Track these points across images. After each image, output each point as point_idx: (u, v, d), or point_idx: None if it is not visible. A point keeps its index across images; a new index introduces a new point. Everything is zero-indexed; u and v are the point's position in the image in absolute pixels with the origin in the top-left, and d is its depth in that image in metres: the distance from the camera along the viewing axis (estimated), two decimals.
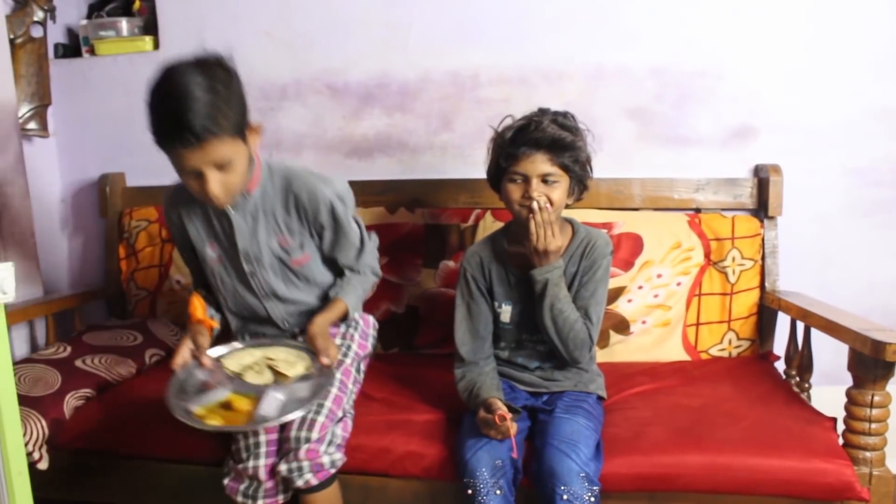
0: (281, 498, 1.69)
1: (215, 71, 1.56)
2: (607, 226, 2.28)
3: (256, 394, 1.58)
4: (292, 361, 1.68)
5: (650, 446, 1.68)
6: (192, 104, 1.48)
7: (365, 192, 2.38)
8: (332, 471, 1.66)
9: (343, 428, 1.73)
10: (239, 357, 1.71)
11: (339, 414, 1.72)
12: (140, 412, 1.93)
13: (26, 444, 1.80)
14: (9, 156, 2.33)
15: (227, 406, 1.57)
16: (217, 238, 1.78)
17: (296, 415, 1.53)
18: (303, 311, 1.83)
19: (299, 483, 1.63)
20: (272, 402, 1.56)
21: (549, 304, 1.74)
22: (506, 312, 1.86)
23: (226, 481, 1.70)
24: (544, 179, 1.73)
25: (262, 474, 1.65)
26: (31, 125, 2.51)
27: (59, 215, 2.73)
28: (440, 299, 2.35)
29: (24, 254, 2.38)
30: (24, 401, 1.86)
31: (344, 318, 1.81)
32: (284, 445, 1.65)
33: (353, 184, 1.97)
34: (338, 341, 1.82)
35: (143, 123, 2.57)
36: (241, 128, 1.59)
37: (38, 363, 2.08)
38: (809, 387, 2.05)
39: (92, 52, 2.65)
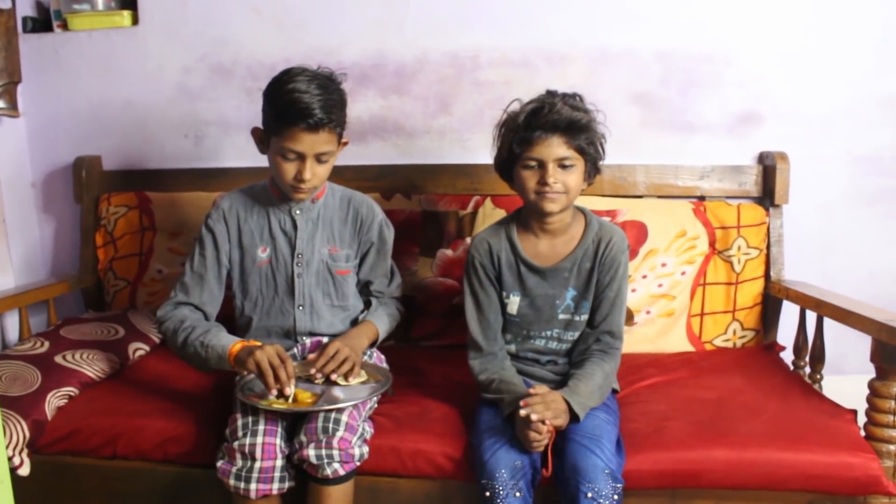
0: (278, 486, 1.61)
1: (332, 81, 1.76)
2: (611, 213, 2.22)
3: (318, 392, 1.68)
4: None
5: (673, 441, 1.63)
6: (321, 96, 1.68)
7: (359, 177, 2.29)
8: (358, 463, 1.62)
9: (369, 425, 1.71)
10: (308, 365, 1.76)
11: (364, 413, 1.71)
12: (127, 410, 1.83)
13: (6, 449, 1.67)
14: None
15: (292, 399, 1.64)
16: (273, 239, 1.88)
17: (359, 399, 1.65)
18: (323, 333, 1.91)
19: (327, 472, 1.58)
20: (334, 398, 1.65)
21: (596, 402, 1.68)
22: (513, 303, 1.79)
23: (218, 464, 1.63)
24: (561, 164, 1.66)
25: (258, 452, 1.58)
26: (0, 104, 2.35)
27: (30, 200, 2.57)
28: (437, 289, 2.27)
29: None
30: (1, 401, 1.74)
31: (373, 343, 1.90)
32: (310, 435, 1.60)
33: (346, 168, 1.88)
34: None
35: (121, 103, 2.52)
36: (340, 134, 1.79)
37: (13, 359, 1.95)
38: (821, 378, 2.02)
39: (64, 26, 2.49)
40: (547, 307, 1.77)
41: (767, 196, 2.26)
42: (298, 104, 1.66)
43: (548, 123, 1.64)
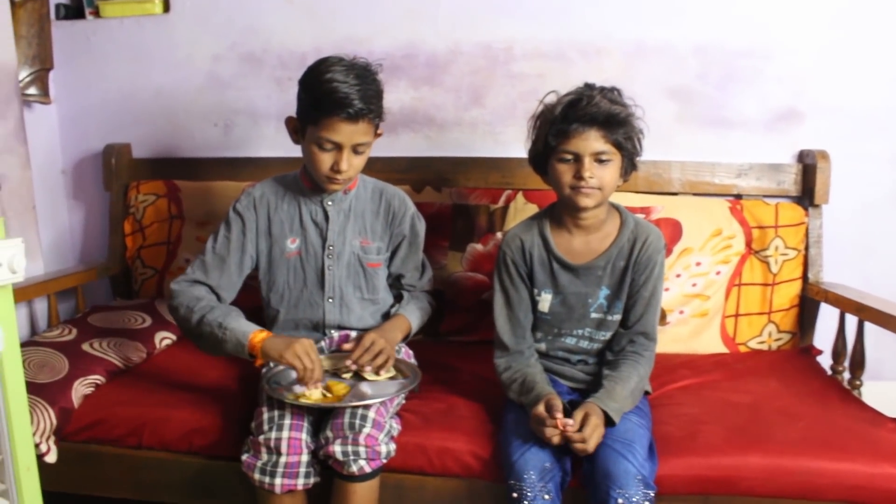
0: (303, 482, 1.59)
1: (369, 72, 1.73)
2: (645, 210, 2.17)
3: (349, 385, 1.69)
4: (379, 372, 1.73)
5: (707, 447, 1.58)
6: (360, 86, 1.66)
7: (389, 169, 2.26)
8: (384, 461, 1.59)
9: (396, 421, 1.68)
10: (336, 358, 1.77)
11: (392, 410, 1.69)
12: (153, 400, 1.82)
13: (33, 436, 1.66)
14: (9, 122, 2.18)
15: (325, 390, 1.65)
16: (303, 230, 1.85)
17: (387, 396, 1.63)
18: (352, 326, 1.88)
19: (353, 468, 1.55)
20: (363, 394, 1.64)
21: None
22: (545, 301, 1.75)
23: (244, 457, 1.61)
24: (598, 158, 1.61)
25: (284, 447, 1.57)
26: (32, 90, 2.35)
27: (60, 187, 2.57)
28: (467, 284, 2.24)
29: (24, 227, 2.23)
30: (29, 388, 1.71)
31: (405, 337, 1.87)
32: (336, 431, 1.58)
33: (376, 160, 1.86)
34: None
35: (151, 91, 2.51)
36: (377, 125, 1.76)
37: (42, 346, 1.94)
38: (861, 384, 1.96)
39: (96, 13, 2.49)
40: (579, 306, 1.73)
41: (807, 196, 2.20)
42: (338, 93, 1.64)
43: (586, 116, 1.60)
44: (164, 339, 2.16)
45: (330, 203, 1.85)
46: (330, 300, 1.86)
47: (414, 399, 1.81)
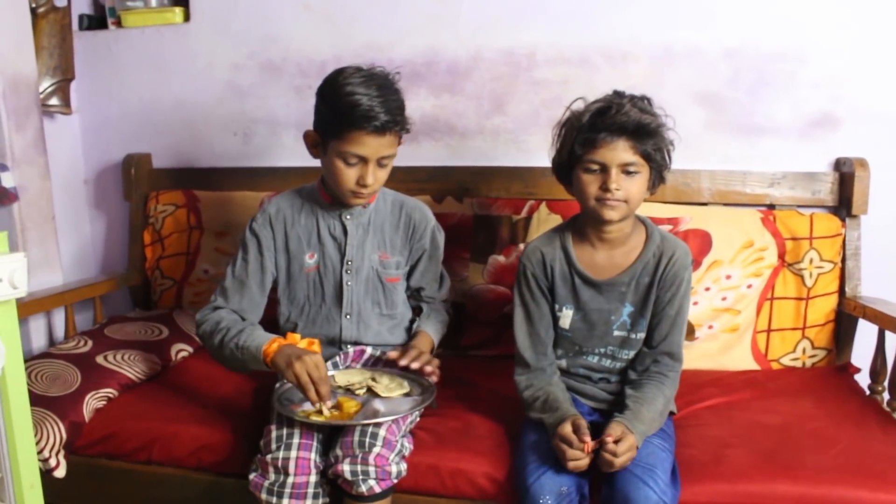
0: (311, 503, 1.54)
1: (390, 81, 1.69)
2: (673, 221, 2.10)
3: (361, 402, 1.64)
4: (392, 388, 1.68)
5: (733, 472, 1.50)
6: (383, 98, 1.62)
7: (409, 178, 2.21)
8: (395, 481, 1.54)
9: (408, 440, 1.62)
10: (349, 374, 1.74)
11: (404, 428, 1.64)
12: (164, 415, 1.79)
13: (42, 450, 1.65)
14: (28, 133, 2.18)
15: (335, 407, 1.60)
16: (321, 245, 1.81)
17: (399, 414, 1.58)
18: (369, 342, 1.85)
19: (362, 489, 1.51)
20: (375, 410, 1.60)
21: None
22: (566, 317, 1.69)
23: (251, 476, 1.57)
24: (625, 170, 1.55)
25: (292, 467, 1.52)
26: (53, 101, 2.35)
27: (82, 197, 2.57)
28: (488, 296, 2.18)
29: (43, 238, 2.23)
30: (40, 401, 1.72)
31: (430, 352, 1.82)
32: (345, 450, 1.53)
33: (396, 170, 1.81)
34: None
35: (172, 101, 2.50)
36: (401, 136, 1.71)
37: (56, 359, 1.93)
38: None
39: (118, 23, 2.49)
40: (601, 323, 1.67)
41: (844, 206, 2.10)
42: (361, 106, 1.59)
43: (614, 125, 1.53)
44: (180, 351, 2.13)
45: (349, 217, 1.81)
46: (347, 316, 1.83)
47: (429, 416, 1.75)
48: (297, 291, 1.84)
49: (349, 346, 1.84)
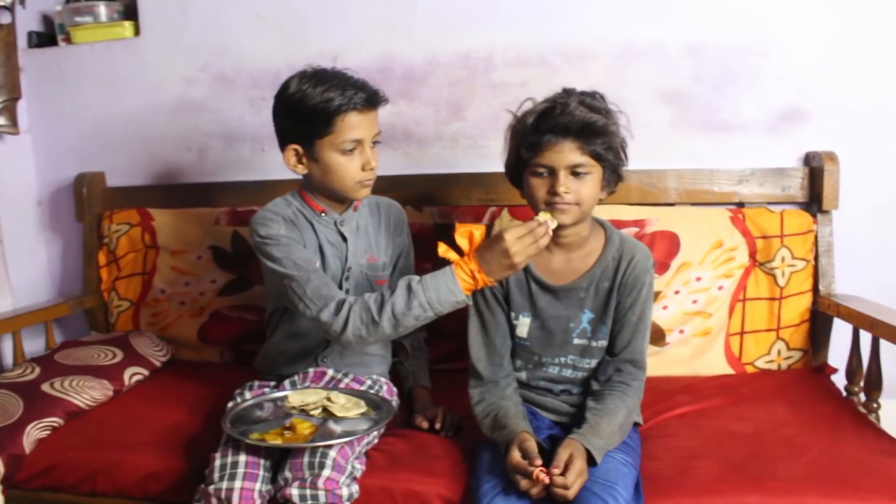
0: None
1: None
2: (639, 223, 2.03)
3: (316, 423, 1.56)
4: (349, 408, 1.61)
5: (699, 486, 1.42)
6: (353, 80, 1.62)
7: None
8: None
9: (360, 462, 1.55)
10: (304, 394, 1.65)
11: (358, 449, 1.56)
12: (110, 443, 1.71)
13: None
14: None
15: (288, 429, 1.53)
16: (322, 256, 1.73)
17: (356, 435, 1.50)
18: (358, 353, 1.79)
19: None
20: (330, 432, 1.52)
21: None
22: (523, 325, 1.62)
23: None
24: (573, 171, 1.48)
25: (235, 498, 1.44)
26: (1, 121, 2.28)
27: (36, 219, 2.50)
28: None
29: None
30: None
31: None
32: (294, 472, 1.45)
33: None
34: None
35: (125, 118, 2.42)
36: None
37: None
38: (878, 407, 1.79)
39: (68, 40, 2.42)
40: (560, 331, 1.60)
41: (815, 201, 2.04)
42: (336, 92, 1.58)
43: (558, 126, 1.46)
44: (134, 374, 2.05)
45: (342, 224, 1.75)
46: None
47: (384, 436, 1.67)
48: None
49: (322, 362, 1.78)
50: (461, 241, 1.46)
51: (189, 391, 1.99)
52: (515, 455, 1.38)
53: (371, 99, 1.62)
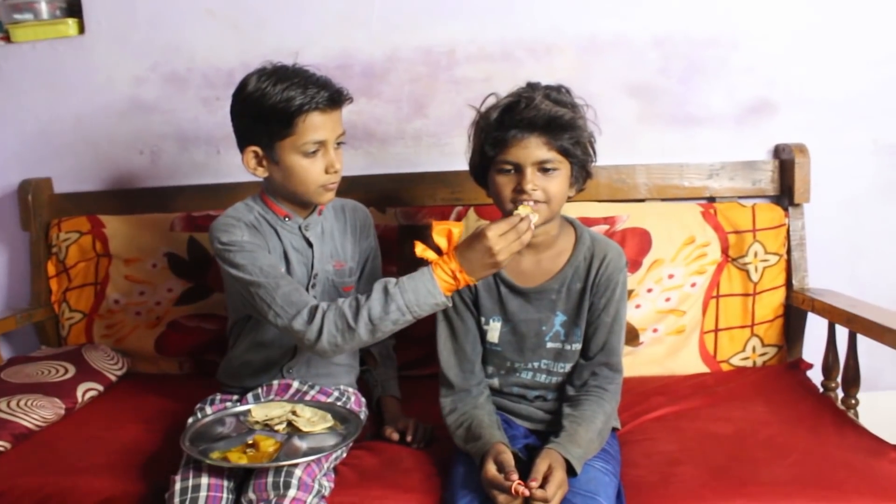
0: None
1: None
2: (609, 220, 1.99)
3: (280, 440, 1.48)
4: (315, 422, 1.53)
5: (683, 493, 1.37)
6: (314, 77, 1.56)
7: None
8: None
9: (328, 479, 1.46)
10: (268, 408, 1.57)
11: (326, 465, 1.47)
12: (62, 467, 1.60)
13: None
14: None
15: (251, 446, 1.46)
16: (288, 262, 1.64)
17: (324, 452, 1.43)
18: (325, 363, 1.70)
19: None
20: (295, 449, 1.44)
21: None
22: (493, 330, 1.56)
23: None
24: (541, 168, 1.42)
25: None
26: None
27: None
28: None
29: None
30: None
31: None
32: (259, 493, 1.37)
33: None
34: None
35: (71, 120, 2.30)
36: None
37: None
38: (857, 403, 1.76)
39: (7, 38, 2.29)
40: (532, 334, 1.54)
41: (786, 194, 2.01)
42: (298, 91, 1.50)
43: (523, 121, 1.41)
44: (88, 391, 1.94)
45: (307, 229, 1.67)
46: None
47: (355, 450, 1.60)
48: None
49: (287, 374, 1.71)
50: (439, 239, 1.39)
51: (147, 406, 1.89)
52: (491, 469, 1.32)
53: (334, 98, 1.54)
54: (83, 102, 2.28)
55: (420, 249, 1.38)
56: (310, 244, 1.67)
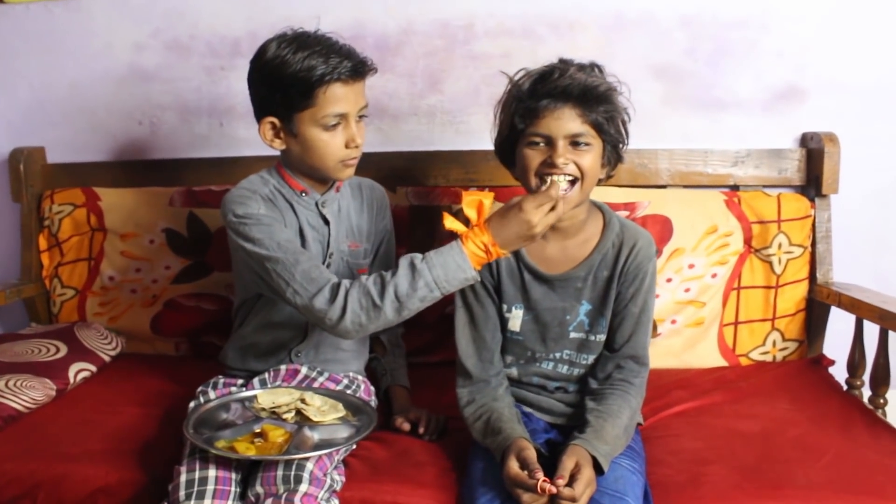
0: None
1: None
2: (629, 206, 1.91)
3: (289, 430, 1.41)
4: (325, 411, 1.46)
5: (715, 495, 1.30)
6: (338, 45, 1.48)
7: None
8: None
9: (339, 472, 1.40)
10: (275, 395, 1.50)
11: (337, 458, 1.42)
12: (53, 453, 1.51)
13: None
14: None
15: (259, 436, 1.40)
16: (304, 240, 1.57)
17: (338, 446, 1.37)
18: (333, 348, 1.65)
19: None
20: (306, 440, 1.37)
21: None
22: (516, 318, 1.48)
23: None
24: (573, 142, 1.34)
25: None
26: None
27: None
28: None
29: None
30: None
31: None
32: (267, 487, 1.30)
33: None
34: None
35: (66, 87, 2.19)
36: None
37: None
38: (885, 403, 1.70)
39: None
40: (555, 324, 1.46)
41: (812, 185, 1.94)
42: (320, 59, 1.43)
43: (557, 89, 1.33)
44: (80, 371, 1.86)
45: (324, 206, 1.59)
46: None
47: (365, 441, 1.52)
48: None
49: (294, 358, 1.63)
50: (469, 211, 1.33)
51: (143, 389, 1.81)
52: (514, 466, 1.25)
53: (358, 69, 1.47)
54: (79, 68, 2.19)
55: (449, 222, 1.34)
56: (326, 222, 1.60)
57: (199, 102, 2.15)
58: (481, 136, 1.59)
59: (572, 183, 1.36)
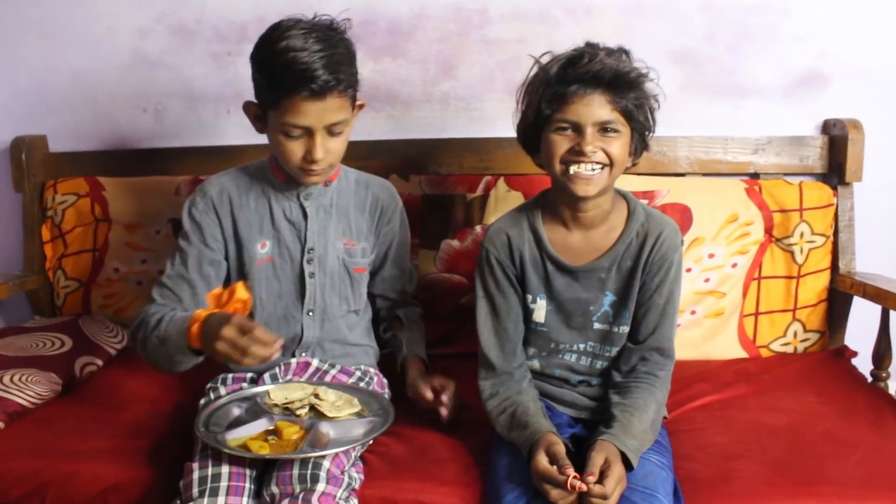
0: None
1: (335, 31, 1.46)
2: (648, 195, 1.88)
3: (304, 427, 1.38)
4: (340, 406, 1.44)
5: (746, 490, 1.27)
6: (322, 52, 1.39)
7: (348, 155, 1.84)
8: None
9: (357, 469, 1.37)
10: (287, 390, 1.48)
11: (354, 455, 1.39)
12: (61, 449, 1.47)
13: None
14: None
15: (273, 433, 1.37)
16: (276, 232, 1.58)
17: (355, 442, 1.35)
18: (340, 344, 1.64)
19: None
20: (321, 437, 1.35)
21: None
22: (540, 309, 1.44)
23: None
24: (602, 128, 1.31)
25: None
26: None
27: None
28: (442, 287, 1.94)
29: None
30: None
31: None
32: (283, 486, 1.27)
33: None
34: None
35: (69, 74, 2.15)
36: (353, 96, 1.49)
37: None
38: None
39: None
40: (578, 314, 1.43)
41: (835, 172, 1.90)
42: (295, 66, 1.36)
43: (588, 74, 1.29)
44: (86, 365, 1.82)
45: (306, 198, 1.57)
46: (310, 314, 1.59)
47: (382, 435, 1.48)
48: (254, 286, 1.57)
49: (305, 353, 1.60)
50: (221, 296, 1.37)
51: (151, 384, 1.76)
52: (543, 461, 1.21)
53: (325, 88, 1.38)
54: (82, 55, 2.14)
55: (217, 293, 1.38)
56: (305, 216, 1.57)
57: (206, 89, 2.10)
58: (496, 124, 1.56)
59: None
